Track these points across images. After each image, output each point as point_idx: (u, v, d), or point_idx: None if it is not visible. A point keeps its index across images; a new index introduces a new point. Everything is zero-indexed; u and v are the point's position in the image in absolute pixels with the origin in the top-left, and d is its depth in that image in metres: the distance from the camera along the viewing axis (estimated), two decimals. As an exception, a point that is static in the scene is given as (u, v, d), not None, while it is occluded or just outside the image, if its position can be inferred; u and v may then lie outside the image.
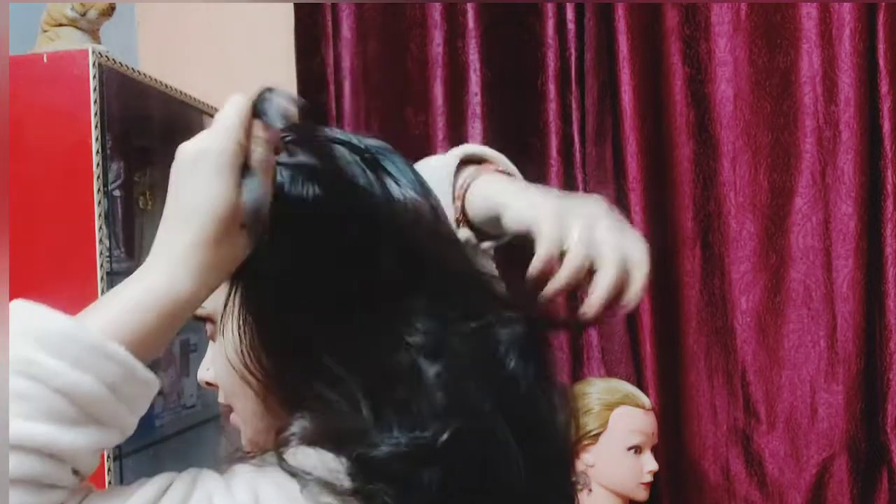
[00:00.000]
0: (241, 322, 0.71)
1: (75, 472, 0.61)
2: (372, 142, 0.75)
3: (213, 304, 0.71)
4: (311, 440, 0.66)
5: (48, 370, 0.58)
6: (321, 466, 0.64)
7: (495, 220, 0.84)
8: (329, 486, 0.63)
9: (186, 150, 0.65)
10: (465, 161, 0.91)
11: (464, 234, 0.88)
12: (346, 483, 0.63)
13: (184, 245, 0.64)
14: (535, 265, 0.76)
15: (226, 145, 0.64)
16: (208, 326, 0.75)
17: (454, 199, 0.88)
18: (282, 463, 0.64)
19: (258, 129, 0.66)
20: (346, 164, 0.71)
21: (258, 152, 0.66)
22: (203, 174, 0.64)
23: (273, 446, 0.67)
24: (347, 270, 0.68)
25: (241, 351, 0.71)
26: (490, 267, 0.90)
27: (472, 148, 0.94)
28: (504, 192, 0.84)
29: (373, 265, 0.68)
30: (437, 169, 0.89)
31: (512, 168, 0.94)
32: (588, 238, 0.76)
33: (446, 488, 0.64)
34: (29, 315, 0.61)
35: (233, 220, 0.64)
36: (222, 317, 0.72)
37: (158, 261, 0.65)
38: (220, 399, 0.77)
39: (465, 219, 0.88)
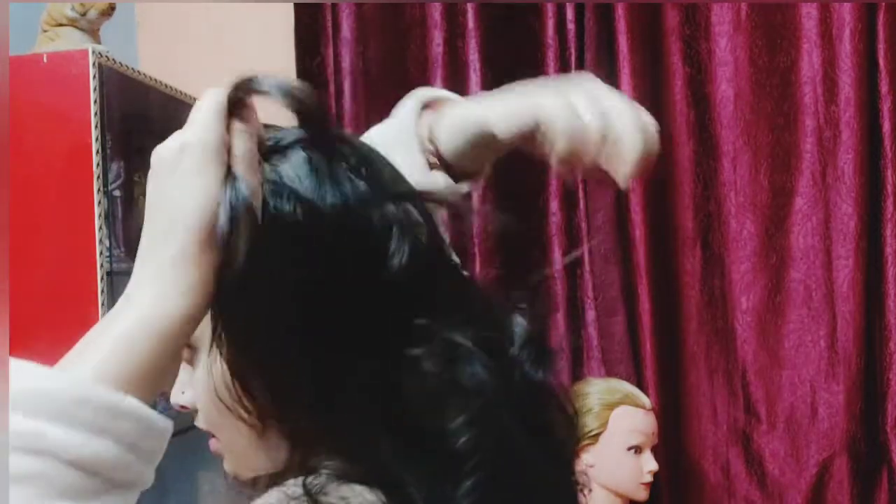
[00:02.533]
0: (231, 356, 0.63)
1: None
2: (363, 144, 0.69)
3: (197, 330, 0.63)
4: (344, 477, 0.60)
5: (59, 442, 0.50)
6: (358, 500, 0.59)
7: (479, 144, 0.79)
8: None
9: (162, 152, 0.59)
10: (424, 107, 0.85)
11: (439, 178, 0.82)
12: None
13: (170, 260, 0.56)
14: (562, 141, 0.71)
15: (206, 138, 0.58)
16: (185, 351, 0.68)
17: (423, 143, 0.82)
18: (320, 501, 0.58)
19: (239, 123, 0.60)
20: (331, 174, 0.63)
21: (240, 147, 0.59)
22: (183, 174, 0.57)
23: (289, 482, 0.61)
24: (342, 292, 0.61)
25: (233, 386, 0.64)
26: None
27: (426, 91, 0.87)
28: (487, 105, 0.78)
29: (367, 284, 0.62)
30: (393, 126, 0.84)
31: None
32: (598, 106, 0.72)
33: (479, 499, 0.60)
34: (25, 377, 0.52)
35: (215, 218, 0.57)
36: (210, 349, 0.64)
37: (144, 283, 0.57)
38: (200, 424, 0.71)
39: (439, 159, 0.81)
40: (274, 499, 0.60)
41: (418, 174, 0.79)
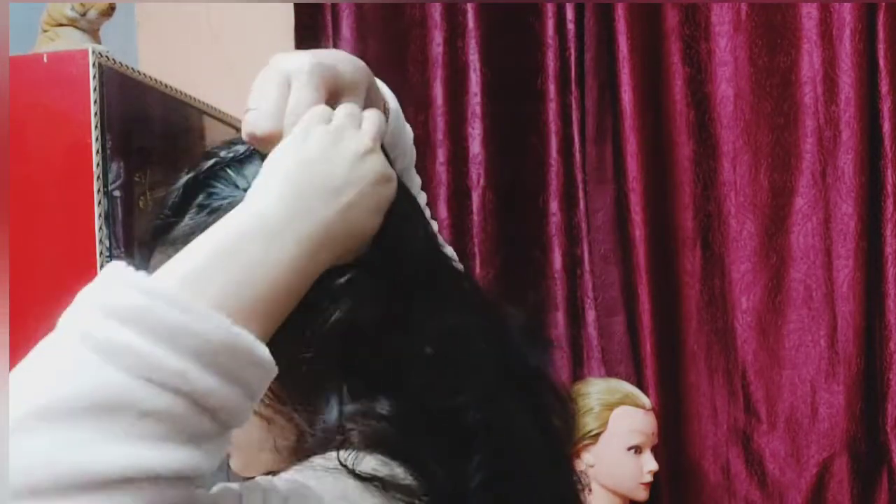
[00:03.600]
0: None
1: None
2: None
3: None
4: (370, 446, 0.61)
5: (200, 387, 0.49)
6: (387, 472, 0.60)
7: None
8: (405, 489, 0.59)
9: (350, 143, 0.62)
10: None
11: None
12: (418, 489, 0.59)
13: (320, 223, 0.57)
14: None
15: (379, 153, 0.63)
16: None
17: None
18: (357, 471, 0.58)
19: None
20: None
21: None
22: (368, 176, 0.61)
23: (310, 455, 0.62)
24: (357, 281, 0.63)
25: None
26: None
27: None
28: None
29: (382, 277, 0.64)
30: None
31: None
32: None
33: (487, 477, 0.62)
34: (159, 303, 0.50)
35: (389, 199, 0.62)
36: None
37: (272, 192, 0.57)
38: None
39: None
40: (309, 471, 0.60)
41: None
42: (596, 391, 1.93)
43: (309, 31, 2.25)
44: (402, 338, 0.64)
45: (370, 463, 0.61)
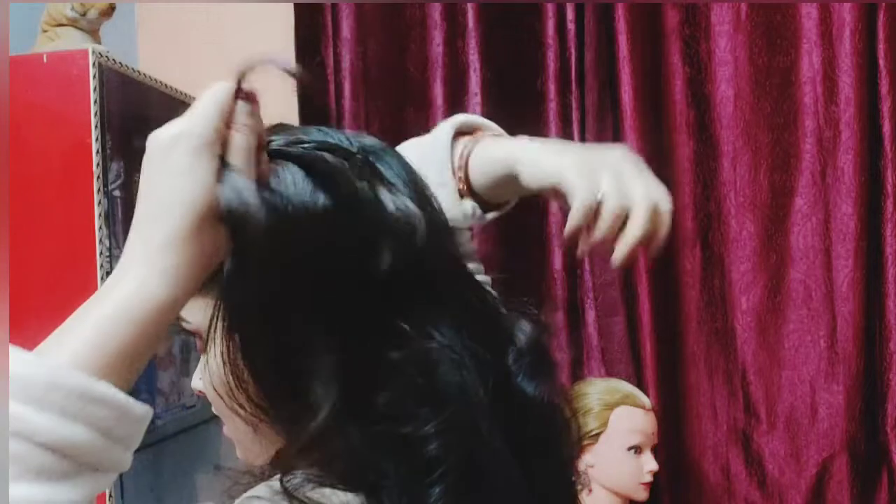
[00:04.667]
0: (225, 354, 0.64)
1: None
2: (367, 141, 0.68)
3: (200, 319, 0.65)
4: (321, 483, 0.61)
5: (32, 425, 0.52)
6: (338, 500, 0.60)
7: (505, 183, 0.81)
8: None
9: (158, 138, 0.59)
10: (459, 133, 0.87)
11: (468, 206, 0.85)
12: None
13: (156, 245, 0.57)
14: (574, 218, 0.73)
15: (201, 129, 0.58)
16: (198, 340, 0.69)
17: (454, 170, 0.84)
18: (299, 498, 0.60)
19: (241, 117, 0.61)
20: (334, 174, 0.63)
21: (238, 140, 0.60)
22: (177, 161, 0.58)
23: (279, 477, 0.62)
24: (335, 291, 0.62)
25: (229, 384, 0.64)
26: (470, 248, 0.88)
27: (465, 117, 0.89)
28: (519, 150, 0.80)
29: (362, 284, 0.62)
30: (429, 145, 0.85)
31: (506, 135, 0.89)
32: (619, 186, 0.74)
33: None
34: (12, 362, 0.54)
35: (210, 211, 0.58)
36: (208, 336, 0.65)
37: (129, 266, 0.58)
38: (215, 410, 0.72)
39: (468, 189, 0.84)
40: (261, 492, 0.62)
41: (448, 198, 0.82)
42: (596, 391, 1.93)
43: (309, 31, 2.25)
44: (383, 355, 0.63)
45: (323, 490, 0.60)
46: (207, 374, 0.68)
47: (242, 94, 0.62)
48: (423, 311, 0.64)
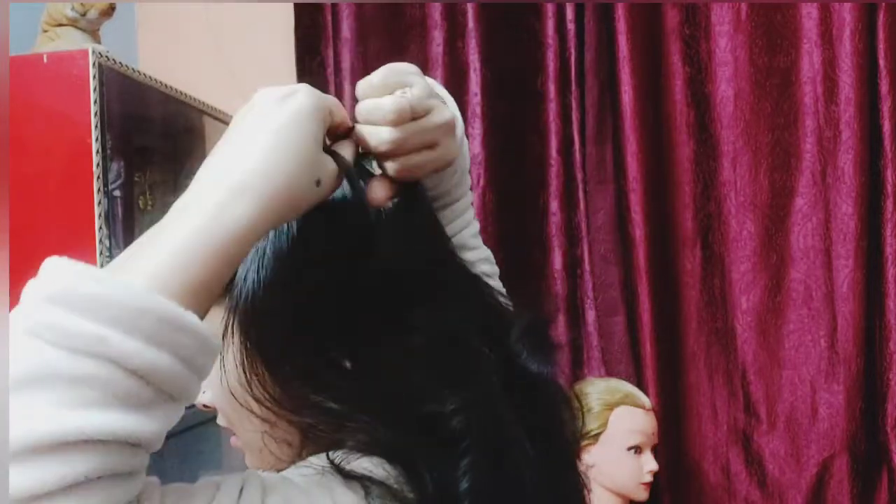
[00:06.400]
0: (242, 350, 0.66)
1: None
2: None
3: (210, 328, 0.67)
4: (367, 449, 0.62)
5: (120, 349, 0.50)
6: (378, 473, 0.61)
7: None
8: (392, 492, 0.60)
9: (271, 92, 0.60)
10: None
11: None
12: (406, 490, 0.60)
13: (248, 175, 0.56)
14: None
15: (319, 99, 0.60)
16: None
17: None
18: (344, 470, 0.60)
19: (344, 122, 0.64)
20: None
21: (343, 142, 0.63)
22: (289, 113, 0.58)
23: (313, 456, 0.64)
24: (355, 285, 0.65)
25: (245, 381, 0.66)
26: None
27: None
28: None
29: (379, 279, 0.65)
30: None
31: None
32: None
33: (475, 484, 0.63)
34: (83, 281, 0.52)
35: (315, 165, 0.59)
36: (224, 339, 0.66)
37: (204, 193, 0.56)
38: (220, 422, 0.73)
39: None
40: (311, 462, 0.62)
41: None
42: (596, 391, 1.93)
43: (309, 31, 2.25)
44: (399, 341, 0.65)
45: (363, 464, 0.62)
46: (217, 381, 0.68)
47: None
48: (435, 298, 0.67)
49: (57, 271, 0.53)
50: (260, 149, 0.57)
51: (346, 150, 0.64)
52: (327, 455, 0.61)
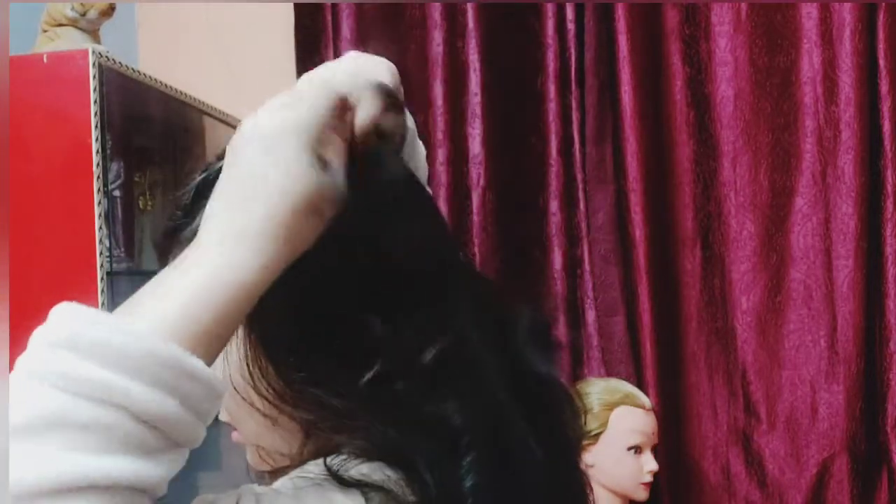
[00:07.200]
0: (246, 342, 0.66)
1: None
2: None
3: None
4: (363, 455, 0.62)
5: (127, 394, 0.50)
6: (377, 478, 0.61)
7: None
8: (393, 496, 0.60)
9: (261, 125, 0.58)
10: None
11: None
12: (408, 493, 0.60)
13: (253, 225, 0.55)
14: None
15: (309, 123, 0.58)
16: None
17: None
18: (343, 477, 0.60)
19: (346, 115, 0.61)
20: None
21: (338, 141, 0.60)
22: (283, 152, 0.56)
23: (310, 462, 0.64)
24: (362, 279, 0.65)
25: (248, 374, 0.66)
26: None
27: None
28: None
29: (383, 276, 0.65)
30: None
31: None
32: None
33: (478, 483, 0.63)
34: (94, 326, 0.51)
35: (309, 204, 0.57)
36: None
37: (216, 241, 0.56)
38: (222, 417, 0.73)
39: None
40: (310, 469, 0.62)
41: None
42: (596, 391, 1.93)
43: (309, 31, 2.25)
44: (401, 339, 0.65)
45: (362, 469, 0.61)
46: (225, 369, 0.68)
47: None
48: (440, 296, 0.67)
49: (63, 317, 0.52)
50: (263, 204, 0.56)
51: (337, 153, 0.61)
52: (325, 462, 0.62)
